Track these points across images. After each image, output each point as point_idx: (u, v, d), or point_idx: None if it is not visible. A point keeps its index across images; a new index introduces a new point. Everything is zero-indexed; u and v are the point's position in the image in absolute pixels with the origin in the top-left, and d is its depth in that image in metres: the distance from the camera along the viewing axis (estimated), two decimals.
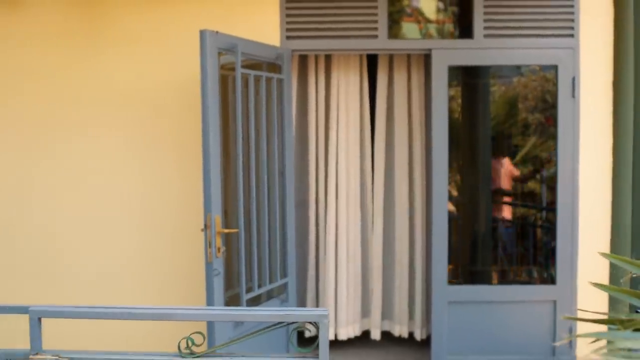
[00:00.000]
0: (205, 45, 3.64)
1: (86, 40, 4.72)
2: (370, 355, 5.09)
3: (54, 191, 4.74)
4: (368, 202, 5.20)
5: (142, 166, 4.70)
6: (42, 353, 2.34)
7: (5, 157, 4.75)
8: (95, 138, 4.72)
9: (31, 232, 4.76)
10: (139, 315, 2.27)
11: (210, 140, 3.63)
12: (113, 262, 4.72)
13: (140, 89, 4.68)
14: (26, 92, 4.75)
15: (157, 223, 4.69)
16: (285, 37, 4.62)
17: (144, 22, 4.68)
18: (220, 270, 3.69)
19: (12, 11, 4.78)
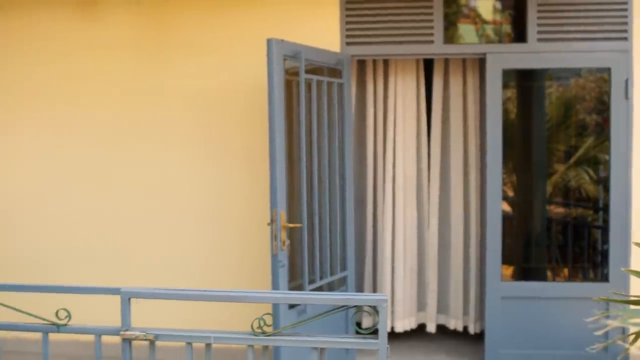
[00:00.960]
0: (272, 52, 3.91)
1: (157, 49, 5.07)
2: (425, 347, 5.29)
3: (130, 188, 5.11)
4: (424, 201, 5.40)
5: (212, 166, 5.02)
6: (131, 330, 2.63)
7: (88, 155, 5.15)
8: (167, 139, 5.07)
9: (110, 224, 5.14)
10: (217, 297, 2.55)
11: (277, 141, 3.90)
12: (184, 254, 5.06)
13: (209, 94, 5.00)
14: (105, 96, 5.14)
15: (226, 218, 5.01)
16: (345, 43, 4.86)
17: (210, 31, 5.00)
18: (284, 262, 3.97)
19: (91, 23, 5.16)
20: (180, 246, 5.08)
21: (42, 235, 5.24)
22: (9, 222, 5.27)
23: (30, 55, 5.20)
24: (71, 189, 5.19)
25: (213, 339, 2.56)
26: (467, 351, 5.20)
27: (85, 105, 5.16)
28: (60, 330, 2.72)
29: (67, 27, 5.17)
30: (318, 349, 2.52)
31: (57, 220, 5.21)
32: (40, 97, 5.20)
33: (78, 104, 5.16)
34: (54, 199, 5.21)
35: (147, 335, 2.60)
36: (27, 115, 5.23)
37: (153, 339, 2.60)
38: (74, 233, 5.19)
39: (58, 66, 5.17)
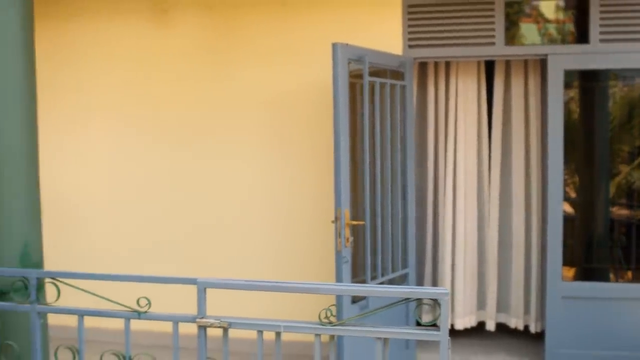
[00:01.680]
0: (337, 56, 4.06)
1: (226, 53, 5.29)
2: (484, 345, 5.36)
3: (199, 188, 5.34)
4: (485, 201, 5.47)
5: (279, 165, 5.22)
6: (206, 317, 2.81)
7: (159, 155, 5.41)
8: (236, 140, 5.29)
9: (180, 221, 5.39)
10: (288, 288, 2.71)
11: (341, 141, 4.05)
12: (253, 251, 5.27)
13: (277, 96, 5.19)
14: (178, 99, 5.38)
15: (293, 216, 5.20)
16: (408, 46, 4.98)
17: (278, 36, 5.19)
18: (348, 258, 4.11)
19: (161, 29, 5.42)
20: (249, 243, 5.29)
21: (113, 230, 5.53)
22: (82, 217, 5.58)
23: (101, 60, 5.49)
24: (142, 188, 5.46)
25: (283, 328, 2.71)
26: (527, 350, 5.24)
27: (155, 108, 5.43)
28: (141, 317, 2.92)
29: (139, 33, 5.44)
30: (382, 339, 2.65)
31: (127, 216, 5.49)
32: (112, 100, 5.49)
33: (149, 106, 5.43)
34: (124, 197, 5.49)
35: (221, 323, 2.77)
36: (99, 116, 5.53)
37: (227, 326, 2.77)
38: (144, 230, 5.46)
39: (129, 70, 5.45)
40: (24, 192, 3.40)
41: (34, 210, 3.46)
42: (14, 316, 3.24)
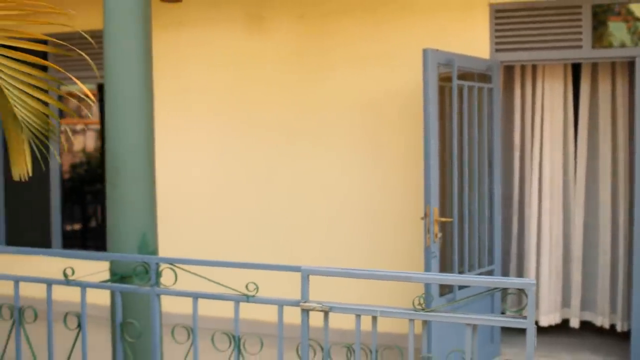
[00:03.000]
0: (428, 61, 4.27)
1: (318, 58, 5.58)
2: (568, 343, 5.44)
3: (293, 186, 5.65)
4: (570, 201, 5.55)
5: (368, 165, 5.47)
6: (309, 302, 3.08)
7: (259, 153, 5.75)
8: (327, 141, 5.57)
9: (275, 218, 5.71)
10: (385, 276, 2.94)
11: (431, 143, 4.26)
12: (342, 246, 5.53)
13: (366, 99, 5.44)
14: (270, 101, 5.71)
15: (381, 213, 5.43)
16: (495, 50, 5.13)
17: (368, 42, 5.43)
18: (436, 253, 4.32)
19: (257, 36, 5.77)
20: (339, 239, 5.56)
21: (214, 222, 5.90)
22: (188, 213, 5.98)
23: (202, 65, 5.88)
24: (239, 185, 5.82)
25: (379, 313, 2.95)
26: (613, 350, 5.28)
27: (253, 110, 5.77)
28: (249, 301, 3.21)
29: (236, 40, 5.80)
30: (471, 325, 2.85)
31: (227, 211, 5.86)
32: (212, 102, 5.87)
33: (246, 108, 5.79)
34: (225, 193, 5.86)
35: (322, 307, 3.03)
36: (200, 118, 5.92)
37: (328, 310, 3.03)
38: (242, 225, 5.81)
39: (228, 74, 5.81)
40: (143, 187, 3.77)
41: (150, 203, 3.83)
42: (134, 298, 3.61)
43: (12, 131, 2.18)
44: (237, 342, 3.30)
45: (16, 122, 2.16)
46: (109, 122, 3.49)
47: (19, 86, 2.17)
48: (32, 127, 2.20)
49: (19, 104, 2.15)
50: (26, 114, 2.17)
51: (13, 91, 2.15)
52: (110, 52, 3.50)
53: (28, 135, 2.21)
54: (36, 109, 2.18)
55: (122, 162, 3.67)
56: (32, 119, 2.18)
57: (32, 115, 2.18)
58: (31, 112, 2.17)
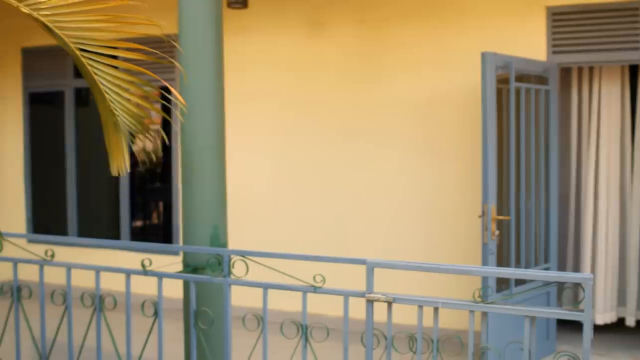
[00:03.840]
0: (486, 64, 4.41)
1: (377, 61, 5.75)
2: (624, 340, 5.48)
3: (352, 184, 5.84)
4: (626, 199, 5.59)
5: (425, 165, 5.61)
6: (374, 293, 3.26)
7: (316, 154, 5.96)
8: (386, 141, 5.74)
9: (335, 215, 5.90)
10: (447, 270, 3.10)
11: (489, 143, 4.40)
12: (401, 243, 5.69)
13: (423, 100, 5.59)
14: (331, 104, 5.91)
15: (438, 212, 5.57)
16: (552, 52, 5.22)
17: (426, 45, 5.58)
18: (494, 250, 4.45)
19: (318, 39, 5.97)
20: (398, 236, 5.72)
21: (278, 221, 6.13)
22: (252, 209, 6.22)
23: (266, 69, 6.11)
24: (301, 184, 6.03)
25: (441, 304, 3.10)
26: None
27: (313, 112, 5.98)
28: (317, 291, 3.41)
29: (298, 44, 6.02)
30: (530, 317, 2.99)
31: (290, 209, 6.08)
32: (275, 104, 6.10)
33: (306, 110, 6.00)
34: (285, 193, 6.09)
35: (387, 298, 3.20)
36: (263, 119, 6.15)
37: (392, 301, 3.20)
38: (304, 221, 6.02)
39: (290, 78, 6.04)
40: (215, 184, 4.01)
41: (221, 199, 4.06)
42: (207, 288, 3.84)
43: (111, 130, 2.42)
44: (305, 330, 3.50)
45: (115, 123, 2.40)
46: (185, 123, 3.72)
47: (117, 90, 2.41)
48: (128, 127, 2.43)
49: (117, 106, 2.39)
50: (123, 115, 2.41)
51: (112, 95, 2.39)
52: (185, 56, 3.74)
53: (125, 134, 2.45)
54: (131, 110, 2.41)
55: (196, 161, 3.91)
56: (128, 120, 2.42)
57: (128, 116, 2.41)
58: (127, 113, 2.41)
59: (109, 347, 4.01)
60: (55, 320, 4.13)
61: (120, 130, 2.42)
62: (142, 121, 2.46)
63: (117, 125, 2.40)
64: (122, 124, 2.41)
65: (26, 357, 4.35)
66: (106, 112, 2.40)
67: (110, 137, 2.44)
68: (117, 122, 2.40)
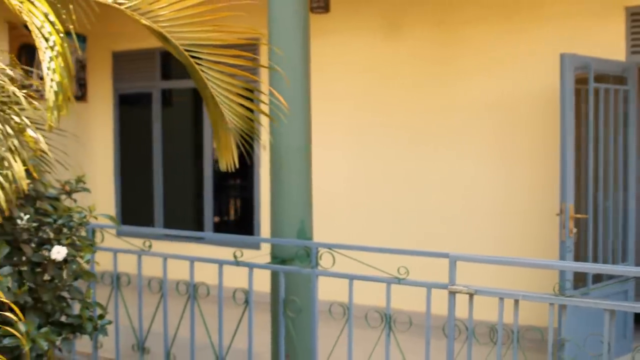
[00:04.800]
0: (565, 65, 4.49)
1: (452, 63, 5.88)
2: None
3: (428, 180, 5.98)
4: None
5: (500, 164, 5.71)
6: (456, 285, 3.42)
7: (390, 153, 6.13)
8: (460, 140, 5.86)
9: (409, 213, 6.06)
10: (528, 264, 3.24)
11: (567, 143, 4.48)
12: (475, 241, 5.80)
13: (498, 101, 5.68)
14: (406, 104, 6.07)
15: (512, 210, 5.66)
16: (630, 52, 5.24)
17: (502, 47, 5.67)
18: (571, 248, 4.53)
19: (396, 43, 6.13)
20: (472, 234, 5.83)
21: (351, 219, 6.32)
22: (327, 207, 6.43)
23: (343, 71, 6.31)
24: (374, 183, 6.21)
25: (521, 297, 3.24)
26: None
27: (388, 113, 6.15)
28: (401, 283, 3.58)
29: (375, 46, 6.19)
30: (609, 311, 3.09)
31: (365, 206, 6.26)
32: (350, 105, 6.29)
33: (381, 110, 6.17)
34: (360, 191, 6.27)
35: (468, 290, 3.36)
36: (339, 120, 6.35)
37: (473, 293, 3.35)
38: (378, 217, 6.20)
39: (366, 80, 6.22)
40: (302, 182, 4.24)
41: (308, 195, 4.29)
42: (295, 278, 4.07)
43: (220, 130, 2.66)
44: (388, 320, 3.69)
45: (224, 123, 2.64)
46: (276, 124, 3.95)
47: (225, 93, 2.65)
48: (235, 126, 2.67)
49: (226, 107, 2.63)
50: (231, 115, 2.64)
51: (221, 97, 2.63)
52: (275, 61, 3.97)
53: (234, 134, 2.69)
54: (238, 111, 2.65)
55: (285, 159, 4.15)
56: (236, 120, 2.65)
57: (235, 116, 2.64)
58: (235, 114, 2.64)
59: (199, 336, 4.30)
60: (150, 309, 4.46)
61: (229, 129, 2.65)
62: (247, 120, 2.69)
63: (225, 124, 2.63)
64: (230, 124, 2.65)
65: (125, 341, 4.68)
66: (216, 113, 2.64)
67: (219, 135, 2.68)
68: (225, 122, 2.63)
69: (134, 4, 2.56)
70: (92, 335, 3.26)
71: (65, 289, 3.08)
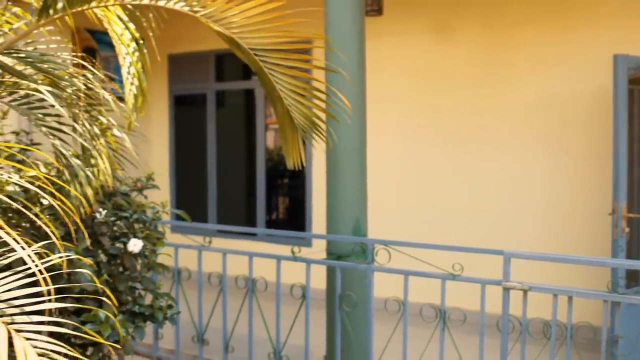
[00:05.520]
0: (618, 66, 4.53)
1: (502, 64, 5.94)
2: None
3: (477, 180, 6.06)
4: None
5: (550, 164, 5.76)
6: (510, 281, 3.51)
7: (444, 152, 6.22)
8: (510, 141, 5.92)
9: (459, 212, 6.15)
10: (582, 261, 3.31)
11: (620, 143, 4.52)
12: (525, 241, 5.86)
13: (548, 102, 5.73)
14: (458, 105, 6.15)
15: (562, 209, 5.70)
16: None
17: (553, 48, 5.71)
18: (623, 247, 4.57)
19: (448, 46, 6.22)
20: (521, 233, 5.89)
21: (402, 218, 6.44)
22: (379, 206, 6.55)
23: (395, 73, 6.42)
24: (425, 183, 6.31)
25: (575, 293, 3.32)
26: None
27: (438, 113, 6.24)
28: (455, 279, 3.69)
29: (427, 49, 6.29)
30: None
31: (416, 205, 6.37)
32: (402, 107, 6.40)
33: (432, 112, 6.26)
34: (411, 190, 6.38)
35: (522, 286, 3.45)
36: (391, 120, 6.47)
37: (527, 289, 3.44)
38: (428, 220, 6.30)
39: (418, 81, 6.32)
40: (357, 181, 4.38)
41: (362, 193, 4.42)
42: (350, 273, 4.20)
43: (288, 129, 2.80)
44: (443, 315, 3.80)
45: (291, 123, 2.79)
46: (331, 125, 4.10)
47: (292, 95, 2.80)
48: (302, 126, 2.81)
49: (293, 109, 2.77)
50: (298, 116, 2.79)
51: (289, 99, 2.78)
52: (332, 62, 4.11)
53: (301, 133, 2.84)
54: (304, 111, 2.80)
55: (341, 159, 4.29)
56: (302, 120, 2.80)
57: (302, 116, 2.79)
58: (301, 114, 2.79)
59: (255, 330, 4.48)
60: (208, 303, 4.67)
61: (296, 129, 2.80)
62: (313, 121, 2.84)
63: (293, 125, 2.78)
64: (297, 124, 2.80)
65: (184, 333, 4.88)
66: (283, 113, 2.79)
67: (286, 135, 2.83)
68: (293, 123, 2.78)
69: (208, 11, 2.73)
70: (162, 324, 3.44)
71: (138, 279, 3.27)
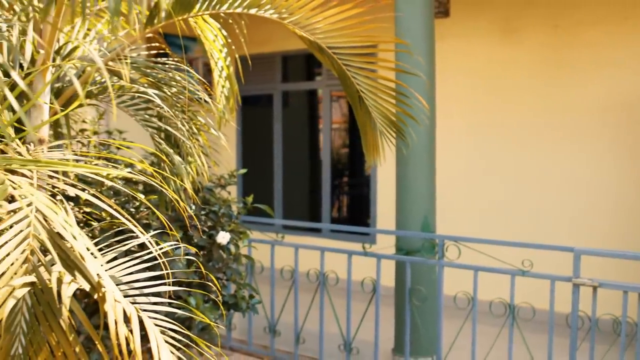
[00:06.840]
0: None
1: (566, 64, 5.96)
2: None
3: (544, 179, 6.11)
4: None
5: (618, 163, 5.76)
6: (581, 278, 3.59)
7: (509, 153, 6.29)
8: (574, 140, 5.95)
9: (522, 211, 6.20)
10: None
11: None
12: (587, 237, 5.89)
13: (614, 101, 5.73)
14: (522, 106, 6.21)
15: (630, 208, 5.70)
16: None
17: (618, 48, 5.70)
18: None
19: (512, 47, 6.27)
20: (588, 231, 5.91)
21: (470, 217, 6.52)
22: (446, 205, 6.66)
23: (461, 74, 6.51)
24: (492, 182, 6.38)
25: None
26: None
27: (503, 114, 6.30)
28: (525, 275, 3.79)
29: (492, 50, 6.36)
30: None
31: (481, 206, 6.45)
32: (468, 108, 6.49)
33: (497, 111, 6.33)
34: (478, 189, 6.46)
35: (592, 283, 3.53)
36: (455, 120, 6.56)
37: (597, 285, 3.52)
38: (494, 218, 6.37)
39: (483, 82, 6.39)
40: (426, 179, 4.52)
41: (431, 191, 4.56)
42: (419, 268, 4.35)
43: (369, 130, 2.96)
44: (512, 310, 3.90)
45: (373, 124, 2.94)
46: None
47: (373, 97, 2.95)
48: (382, 126, 2.97)
49: (374, 110, 2.93)
50: (378, 116, 2.94)
51: (370, 101, 2.93)
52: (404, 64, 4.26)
53: (382, 133, 2.99)
54: (384, 112, 2.95)
55: (411, 157, 4.44)
56: (382, 120, 2.95)
57: (382, 117, 2.94)
58: (381, 115, 2.94)
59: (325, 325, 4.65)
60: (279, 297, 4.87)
61: (376, 130, 2.96)
62: (392, 120, 2.99)
63: (374, 125, 2.94)
64: (377, 124, 2.95)
65: (256, 325, 5.09)
66: (364, 114, 2.95)
67: (367, 135, 2.99)
68: (374, 123, 2.94)
69: (295, 18, 2.90)
70: (245, 313, 3.64)
71: (223, 270, 3.48)
